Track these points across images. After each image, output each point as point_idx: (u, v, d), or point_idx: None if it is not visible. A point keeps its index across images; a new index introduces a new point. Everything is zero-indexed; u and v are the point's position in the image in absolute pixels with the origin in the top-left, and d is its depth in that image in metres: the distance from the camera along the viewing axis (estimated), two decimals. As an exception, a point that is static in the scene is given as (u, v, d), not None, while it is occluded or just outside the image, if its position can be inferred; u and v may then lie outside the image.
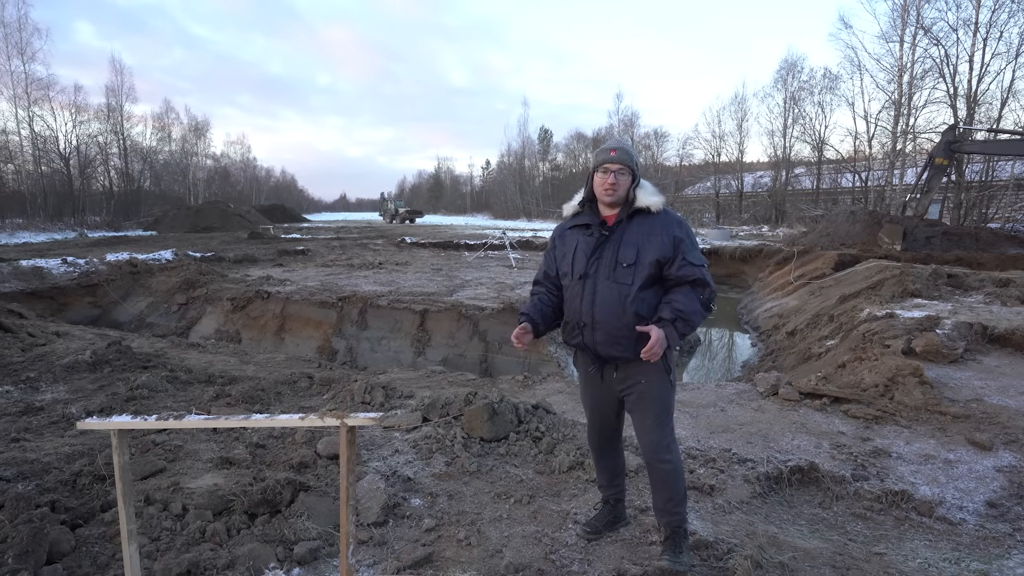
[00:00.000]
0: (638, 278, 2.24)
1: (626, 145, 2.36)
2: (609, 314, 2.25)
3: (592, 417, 2.58)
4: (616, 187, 2.28)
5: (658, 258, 2.24)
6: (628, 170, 2.30)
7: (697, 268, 2.24)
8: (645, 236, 2.27)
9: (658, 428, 2.34)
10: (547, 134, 61.32)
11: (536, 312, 2.43)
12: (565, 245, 2.45)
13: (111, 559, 2.40)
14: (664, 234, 2.26)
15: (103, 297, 12.53)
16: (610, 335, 2.27)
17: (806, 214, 27.93)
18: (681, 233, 2.29)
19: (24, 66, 30.48)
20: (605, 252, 2.30)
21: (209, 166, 52.90)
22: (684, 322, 2.19)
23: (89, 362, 5.56)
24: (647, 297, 2.25)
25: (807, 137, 33.78)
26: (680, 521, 2.39)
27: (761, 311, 12.70)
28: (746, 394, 5.06)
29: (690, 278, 2.23)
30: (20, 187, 31.96)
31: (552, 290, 2.50)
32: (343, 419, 1.92)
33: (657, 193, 2.35)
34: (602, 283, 2.28)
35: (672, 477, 2.36)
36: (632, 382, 2.33)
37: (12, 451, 3.50)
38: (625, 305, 2.23)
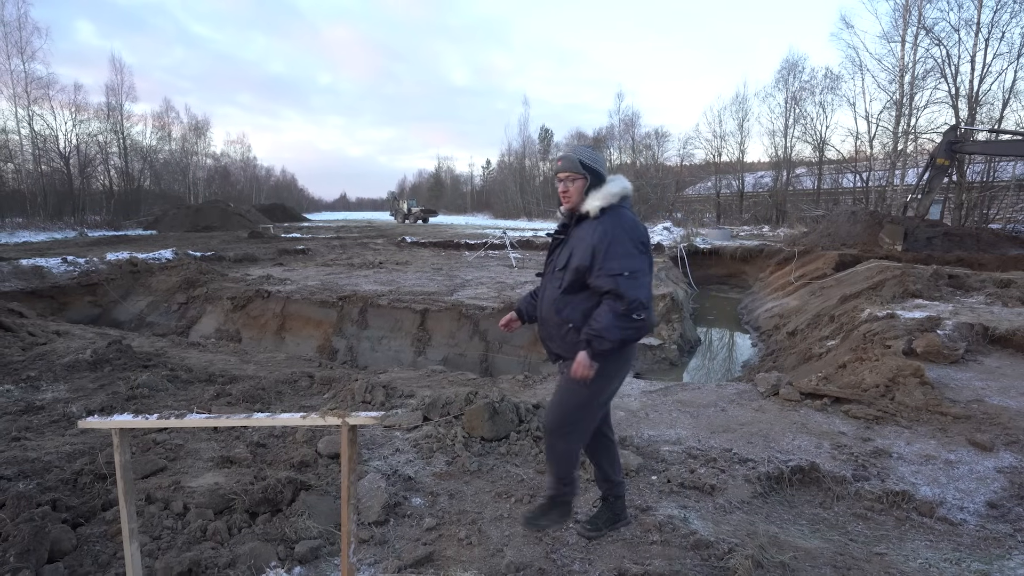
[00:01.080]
0: (564, 282, 2.35)
1: (574, 152, 2.41)
2: (547, 313, 2.45)
3: None
4: (568, 194, 2.38)
5: (579, 265, 2.29)
6: (578, 176, 2.36)
7: (611, 279, 2.21)
8: (580, 240, 2.33)
9: (552, 414, 2.44)
10: (548, 134, 61.35)
11: (524, 303, 2.68)
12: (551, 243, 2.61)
13: (112, 558, 2.40)
14: (589, 241, 2.28)
15: (103, 296, 12.53)
16: (548, 332, 2.46)
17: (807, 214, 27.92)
18: (605, 240, 2.24)
19: (24, 65, 30.48)
20: (555, 254, 2.48)
21: (209, 165, 52.89)
22: (598, 339, 2.20)
23: (90, 361, 5.56)
24: (572, 300, 2.34)
25: (808, 137, 33.79)
26: (555, 495, 2.49)
27: (762, 311, 12.70)
28: (747, 394, 5.05)
29: (603, 289, 2.24)
30: (20, 186, 31.95)
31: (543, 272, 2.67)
32: (344, 418, 1.92)
33: (607, 196, 2.32)
34: (546, 283, 2.49)
35: (550, 458, 2.48)
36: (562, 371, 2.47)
37: (13, 450, 3.50)
38: (556, 306, 2.38)
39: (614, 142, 48.11)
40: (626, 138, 46.80)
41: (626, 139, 46.83)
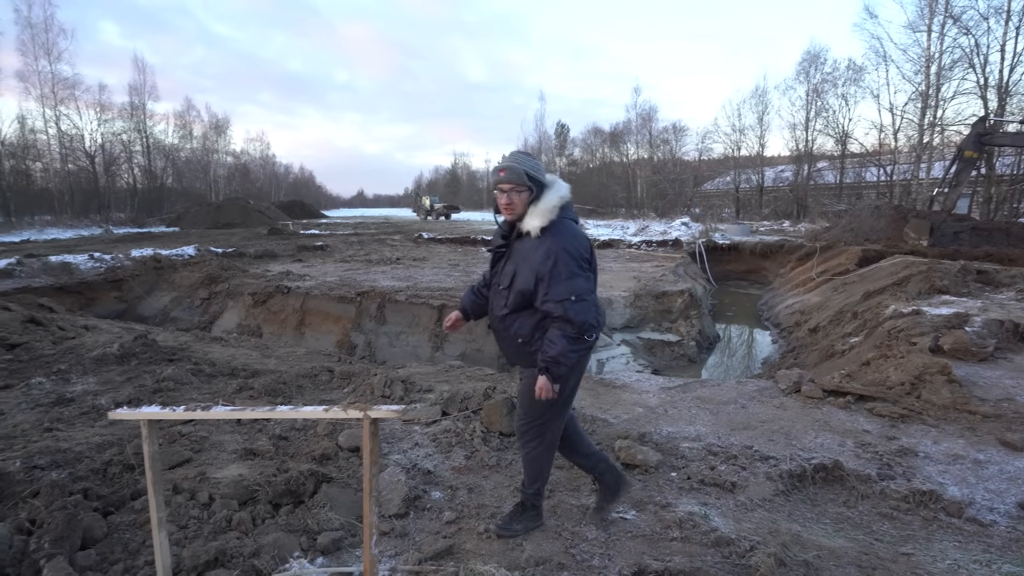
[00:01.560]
0: (510, 302, 2.36)
1: (517, 162, 2.32)
2: (497, 326, 2.49)
3: None
4: (512, 206, 2.32)
5: (522, 289, 2.30)
6: (521, 188, 2.29)
7: (558, 304, 2.21)
8: (522, 260, 2.31)
9: (522, 419, 2.55)
10: (564, 129, 61.00)
11: (469, 303, 2.69)
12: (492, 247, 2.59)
13: (141, 545, 2.45)
14: (530, 267, 2.27)
15: (128, 292, 12.79)
16: (501, 341, 2.51)
17: (829, 209, 27.39)
18: (546, 266, 2.22)
19: (51, 66, 31.23)
20: (498, 267, 2.47)
21: (229, 163, 53.67)
22: (556, 364, 2.25)
23: (117, 355, 5.69)
24: (521, 318, 2.37)
25: (830, 130, 33.16)
26: (527, 497, 2.63)
27: (782, 307, 12.54)
28: (767, 391, 5.00)
29: (553, 315, 2.25)
30: (48, 185, 32.76)
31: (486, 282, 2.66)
32: (366, 411, 1.94)
33: (547, 212, 2.27)
34: (494, 296, 2.48)
35: (526, 463, 2.58)
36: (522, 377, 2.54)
37: (46, 440, 3.59)
38: (504, 323, 2.42)
39: (631, 137, 47.74)
40: (643, 133, 46.34)
41: (643, 134, 46.38)
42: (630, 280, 11.91)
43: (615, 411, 4.51)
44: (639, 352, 9.29)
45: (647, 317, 10.43)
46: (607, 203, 46.66)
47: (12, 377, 5.04)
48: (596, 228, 27.54)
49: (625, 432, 3.80)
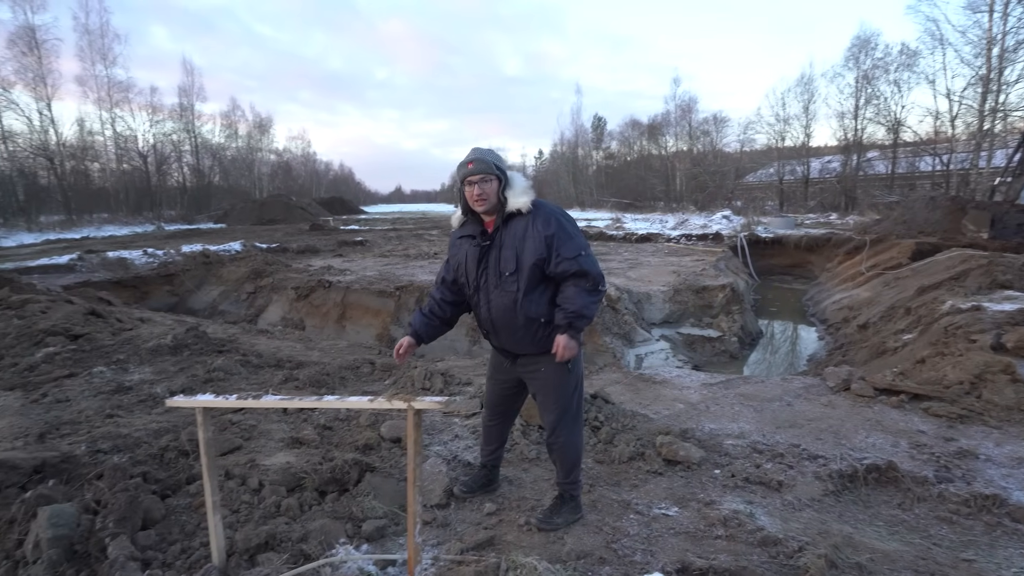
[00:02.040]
0: (522, 284, 2.35)
1: (483, 154, 2.37)
2: (505, 320, 2.41)
3: (492, 386, 2.79)
4: (484, 195, 2.34)
5: (536, 260, 2.33)
6: (491, 176, 2.34)
7: (573, 261, 2.32)
8: (521, 240, 2.35)
9: (554, 413, 2.55)
10: (601, 122, 60.31)
11: (421, 326, 2.58)
12: (457, 253, 2.55)
13: (197, 528, 2.56)
14: (537, 235, 2.33)
15: (179, 286, 13.32)
16: (512, 337, 2.45)
17: (880, 200, 26.20)
18: (552, 229, 2.33)
19: (106, 70, 32.61)
20: (489, 261, 2.41)
21: (272, 161, 55.12)
22: (579, 318, 2.32)
23: (170, 346, 5.93)
24: (535, 298, 2.37)
25: (881, 118, 31.68)
26: (567, 488, 2.65)
27: (829, 303, 12.12)
28: (814, 388, 4.85)
29: (570, 272, 2.33)
30: (105, 184, 34.34)
31: (446, 296, 2.61)
32: (410, 403, 1.97)
33: (527, 191, 2.38)
34: (493, 293, 2.41)
35: (563, 453, 2.60)
36: (534, 368, 2.53)
37: (107, 426, 3.79)
38: (516, 311, 2.37)
39: (670, 129, 46.75)
40: (682, 124, 45.31)
41: (682, 125, 45.36)
42: (669, 274, 11.72)
43: (655, 407, 4.45)
44: (679, 347, 9.14)
45: (687, 312, 10.25)
46: (645, 196, 45.95)
47: (76, 366, 5.31)
48: (634, 222, 27.19)
49: (666, 428, 3.74)
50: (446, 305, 2.59)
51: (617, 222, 26.88)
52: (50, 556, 2.29)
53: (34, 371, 5.20)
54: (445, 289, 2.60)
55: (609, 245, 18.69)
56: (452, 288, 2.59)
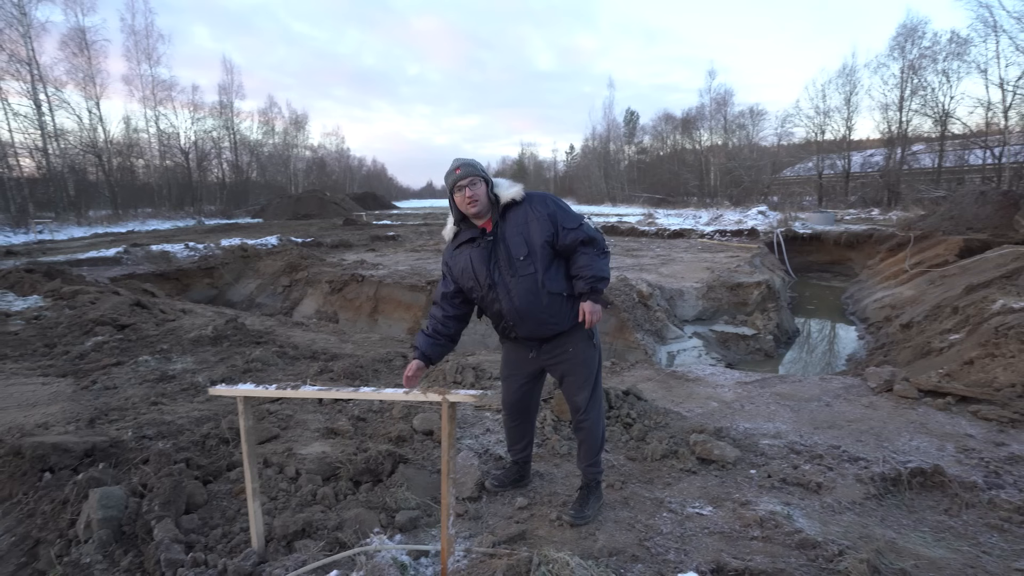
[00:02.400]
0: (539, 264, 2.41)
1: (466, 160, 2.49)
2: (529, 305, 2.43)
3: (510, 386, 2.76)
4: (476, 197, 2.41)
5: (546, 239, 2.42)
6: (479, 179, 2.43)
7: (578, 230, 2.44)
8: (525, 224, 2.44)
9: (585, 390, 2.59)
10: (633, 116, 59.59)
11: (427, 347, 2.55)
12: (459, 264, 2.55)
13: (237, 513, 2.63)
14: (539, 216, 2.44)
15: (219, 279, 13.72)
16: (538, 321, 2.47)
17: (925, 195, 25.19)
18: (550, 208, 2.47)
19: (151, 70, 33.72)
20: (499, 254, 2.44)
21: (307, 157, 56.13)
22: (599, 281, 2.43)
23: (211, 337, 6.12)
24: (553, 275, 2.45)
25: (928, 110, 30.43)
26: (596, 473, 2.71)
27: (870, 301, 11.74)
28: (855, 389, 4.71)
29: (578, 240, 2.44)
30: (149, 180, 35.55)
31: (448, 311, 2.60)
32: (445, 395, 1.99)
33: (514, 184, 2.52)
34: (512, 281, 2.43)
35: (591, 432, 2.64)
36: (560, 350, 2.56)
37: (152, 413, 3.93)
38: (539, 292, 2.42)
39: (704, 122, 45.89)
40: (717, 118, 44.43)
41: (717, 119, 44.47)
42: (702, 271, 11.52)
43: (688, 404, 4.39)
44: (712, 345, 8.99)
45: (720, 309, 10.07)
46: (678, 192, 45.24)
47: (123, 355, 5.53)
48: (666, 217, 26.81)
49: (700, 426, 3.68)
50: (449, 321, 2.59)
51: (649, 217, 26.54)
52: (100, 536, 2.40)
53: (84, 359, 5.43)
54: (447, 305, 2.60)
55: (641, 241, 18.48)
56: (453, 303, 2.59)
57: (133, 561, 2.31)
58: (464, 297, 2.59)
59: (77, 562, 2.35)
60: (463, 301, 2.60)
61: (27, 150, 26.08)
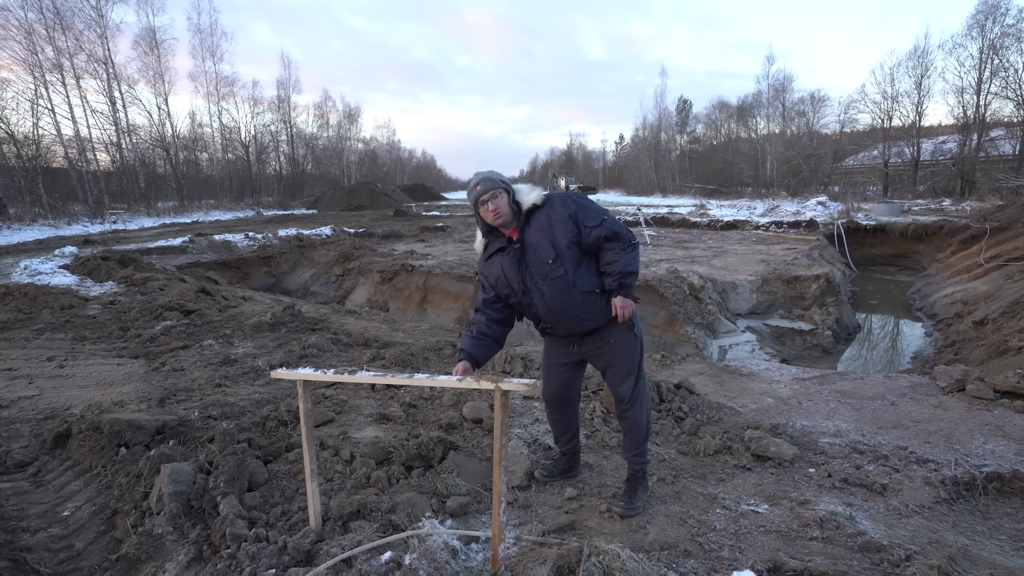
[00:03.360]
0: (568, 265, 2.44)
1: (487, 174, 2.51)
2: (563, 305, 2.47)
3: (550, 377, 2.80)
4: (499, 210, 2.46)
5: (571, 240, 2.44)
6: (500, 190, 2.47)
7: (600, 227, 2.44)
8: (549, 227, 2.47)
9: (628, 380, 2.61)
10: (686, 104, 57.97)
11: (474, 348, 2.56)
12: (492, 273, 2.60)
13: (295, 493, 2.74)
14: (561, 219, 2.46)
15: (276, 268, 14.25)
16: (574, 320, 2.51)
17: (1004, 184, 23.47)
18: (571, 208, 2.48)
19: (214, 66, 35.11)
20: (528, 260, 2.49)
21: (360, 149, 57.36)
22: (628, 275, 2.44)
23: (270, 323, 6.36)
24: (583, 273, 2.47)
25: (1009, 92, 28.20)
26: (643, 463, 2.72)
27: (939, 297, 11.09)
28: (922, 388, 4.46)
29: (602, 236, 2.44)
30: (212, 173, 37.19)
31: (491, 315, 2.62)
32: (498, 383, 1.99)
33: (534, 189, 2.56)
34: (544, 284, 2.47)
35: (636, 422, 2.66)
36: (601, 343, 2.58)
37: (216, 395, 4.13)
38: (572, 292, 2.45)
39: (761, 110, 44.11)
40: (775, 105, 42.62)
41: (775, 106, 42.67)
42: (757, 264, 11.15)
43: (741, 400, 4.27)
44: (766, 340, 8.70)
45: (776, 303, 9.73)
46: (732, 182, 43.82)
47: (189, 339, 5.82)
48: (720, 209, 26.04)
49: (755, 422, 3.58)
50: (493, 324, 2.62)
51: (701, 208, 25.85)
52: (171, 509, 2.54)
53: (154, 342, 5.76)
54: (488, 310, 2.63)
55: (692, 232, 18.03)
56: (495, 307, 2.63)
57: (200, 534, 2.44)
58: (504, 303, 2.63)
59: (150, 532, 2.50)
60: (504, 306, 2.63)
61: (103, 145, 27.71)
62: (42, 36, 23.63)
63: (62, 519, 2.74)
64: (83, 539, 2.59)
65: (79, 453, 3.25)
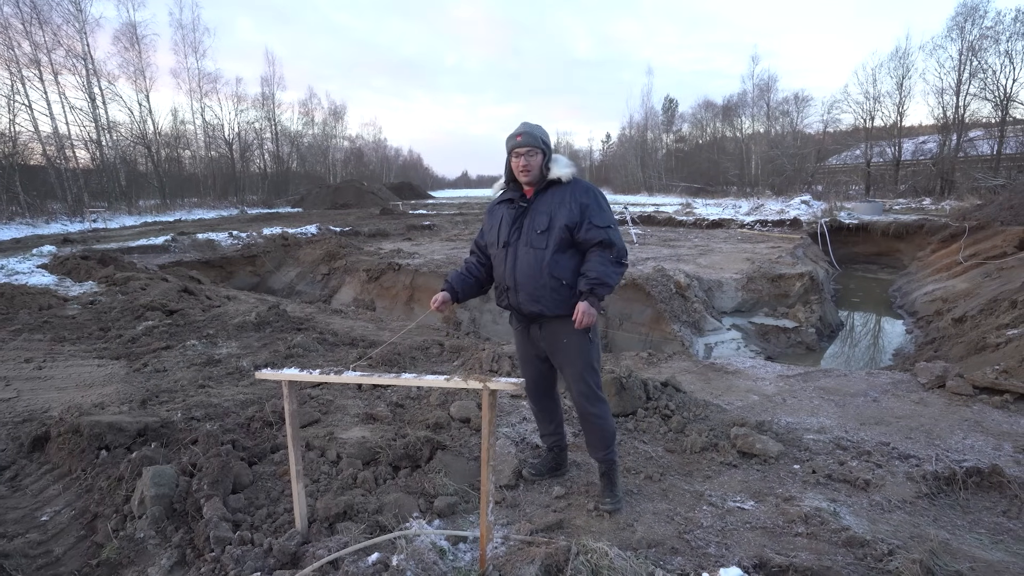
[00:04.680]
0: (551, 242, 2.46)
1: (532, 128, 2.51)
2: (528, 276, 2.50)
3: (525, 370, 2.83)
4: (529, 167, 2.49)
5: (567, 223, 2.45)
6: (537, 150, 2.48)
7: (601, 230, 2.44)
8: (557, 203, 2.49)
9: (582, 380, 2.59)
10: (672, 104, 58.32)
11: (457, 281, 2.71)
12: (492, 219, 2.68)
13: (281, 494, 2.71)
14: (573, 201, 2.48)
15: (261, 267, 14.09)
16: (530, 295, 2.51)
17: (982, 184, 23.90)
18: (587, 199, 2.48)
19: (197, 63, 34.60)
20: (524, 222, 2.54)
21: (346, 147, 56.88)
22: (601, 286, 2.41)
23: (254, 323, 6.29)
24: (561, 260, 2.47)
25: (988, 94, 28.72)
26: (612, 457, 2.69)
27: (920, 294, 11.27)
28: (904, 384, 4.53)
29: (595, 240, 2.44)
30: (195, 170, 36.68)
31: (481, 259, 2.76)
32: (486, 383, 1.99)
33: (570, 165, 2.56)
34: (521, 249, 2.52)
35: (600, 423, 2.64)
36: (555, 339, 2.58)
37: (199, 396, 4.07)
38: (541, 267, 2.47)
39: (746, 109, 44.50)
40: (760, 104, 43.02)
41: (760, 106, 43.07)
42: (742, 262, 11.25)
43: (727, 397, 4.30)
44: (751, 337, 8.78)
45: (760, 301, 9.82)
46: (717, 181, 44.17)
47: (172, 339, 5.74)
48: (705, 207, 26.24)
49: (741, 419, 3.61)
50: (481, 267, 2.75)
51: (687, 207, 26.03)
52: (153, 512, 2.50)
53: (136, 342, 5.67)
54: (480, 254, 2.77)
55: (678, 231, 18.14)
56: (486, 252, 2.74)
57: (184, 537, 2.40)
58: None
59: (132, 536, 2.46)
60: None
61: (83, 142, 27.22)
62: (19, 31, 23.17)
63: (40, 524, 2.68)
64: (62, 544, 2.54)
65: (58, 456, 3.19)
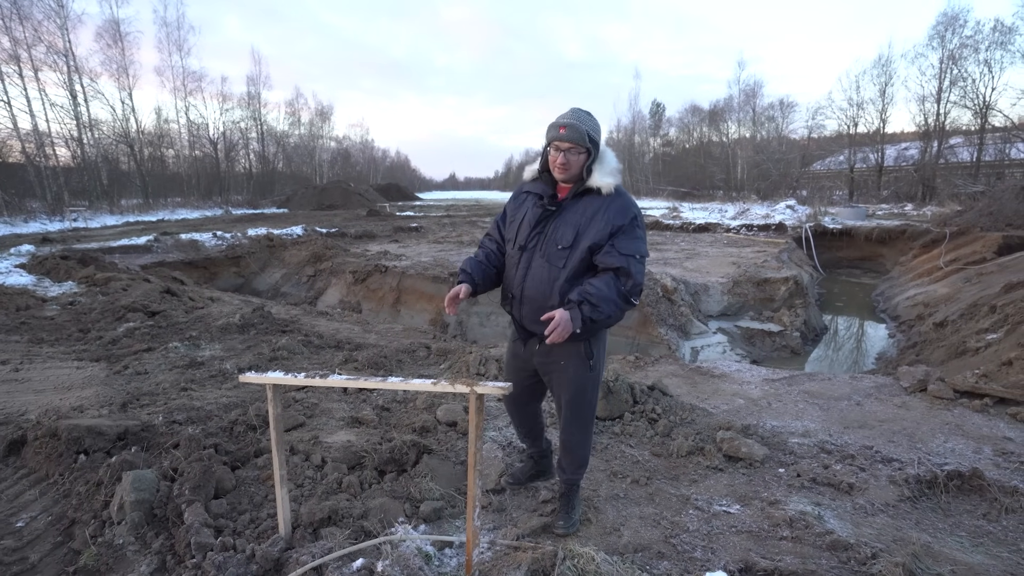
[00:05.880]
0: (571, 262, 2.18)
1: (580, 120, 2.18)
2: (537, 292, 2.23)
3: (510, 378, 2.53)
4: (567, 166, 2.19)
5: (593, 243, 2.16)
6: (582, 149, 2.17)
7: (623, 257, 2.12)
8: (588, 218, 2.18)
9: (569, 408, 2.38)
10: (659, 108, 58.72)
11: (478, 271, 2.36)
12: (518, 209, 2.38)
13: (264, 499, 2.67)
14: (605, 221, 2.16)
15: (245, 268, 13.94)
16: (535, 312, 2.21)
17: (962, 190, 24.32)
18: (623, 221, 2.16)
19: (181, 61, 34.20)
20: (547, 228, 2.24)
21: (332, 148, 56.55)
22: (591, 306, 2.07)
23: (238, 325, 6.22)
24: (576, 284, 2.18)
25: (968, 101, 29.30)
26: (577, 479, 2.54)
27: (902, 299, 11.45)
28: (886, 388, 4.59)
29: (613, 265, 2.13)
30: (178, 170, 36.21)
31: (502, 247, 2.44)
32: (473, 387, 1.97)
33: (615, 173, 2.23)
34: (536, 260, 2.24)
35: (579, 451, 2.47)
36: (551, 361, 2.33)
37: (181, 399, 4.01)
38: (554, 287, 2.20)
39: (732, 114, 44.96)
40: (746, 110, 43.49)
41: (746, 111, 43.54)
42: (728, 266, 11.35)
43: (714, 401, 4.32)
44: (737, 341, 8.86)
45: (746, 305, 9.91)
46: (704, 185, 44.56)
47: (154, 341, 5.65)
48: (691, 211, 26.44)
49: (727, 423, 3.62)
50: (500, 255, 2.42)
51: (674, 211, 26.21)
52: (133, 518, 2.45)
53: (116, 344, 5.57)
54: (500, 240, 2.46)
55: (665, 235, 18.26)
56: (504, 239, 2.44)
57: (164, 544, 2.36)
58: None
59: (110, 543, 2.41)
60: None
61: (63, 140, 26.72)
62: (-2, 26, 22.72)
63: (16, 530, 2.62)
64: (38, 551, 2.48)
65: (35, 461, 3.12)
